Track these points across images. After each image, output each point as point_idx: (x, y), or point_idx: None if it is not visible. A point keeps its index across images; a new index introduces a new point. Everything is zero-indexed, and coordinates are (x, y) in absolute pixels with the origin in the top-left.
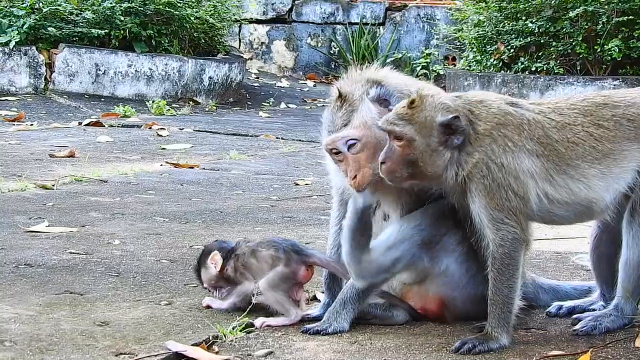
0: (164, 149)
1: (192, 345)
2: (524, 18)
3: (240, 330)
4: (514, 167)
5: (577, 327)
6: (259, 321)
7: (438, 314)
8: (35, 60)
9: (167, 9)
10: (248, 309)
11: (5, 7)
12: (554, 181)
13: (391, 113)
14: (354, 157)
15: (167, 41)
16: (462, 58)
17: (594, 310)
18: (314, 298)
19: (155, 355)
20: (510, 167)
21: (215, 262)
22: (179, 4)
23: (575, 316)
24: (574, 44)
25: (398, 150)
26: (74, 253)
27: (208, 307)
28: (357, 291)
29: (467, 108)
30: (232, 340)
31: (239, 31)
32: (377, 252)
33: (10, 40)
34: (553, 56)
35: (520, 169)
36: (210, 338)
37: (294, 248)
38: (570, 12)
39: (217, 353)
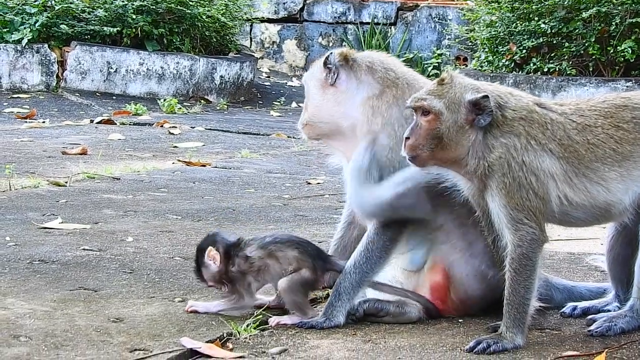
0: (175, 147)
1: (207, 342)
2: (536, 19)
3: (255, 328)
4: (535, 166)
5: (591, 327)
6: (273, 320)
7: (443, 285)
8: (48, 58)
9: (178, 7)
10: (264, 307)
11: (18, 4)
12: (573, 184)
13: (420, 91)
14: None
15: (178, 40)
16: (473, 58)
17: (608, 311)
18: (327, 297)
19: (170, 352)
20: (531, 166)
21: (213, 258)
22: (190, 3)
23: (589, 317)
24: (586, 44)
25: (424, 125)
26: (87, 250)
27: (194, 312)
28: (351, 282)
29: (496, 93)
30: (246, 338)
31: (250, 30)
32: (382, 187)
33: (22, 38)
34: (565, 57)
35: (541, 169)
36: (225, 335)
37: (319, 254)
38: (583, 12)
39: (231, 350)
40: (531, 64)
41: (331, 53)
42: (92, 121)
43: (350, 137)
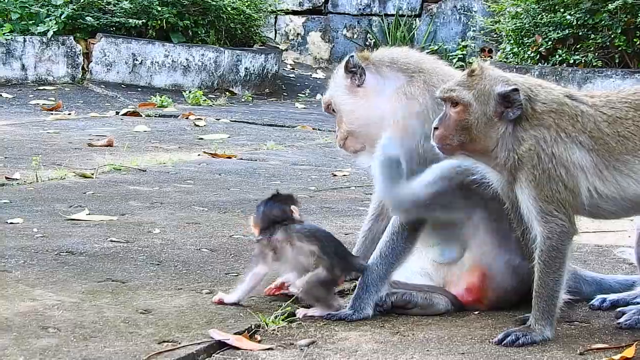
0: (201, 139)
1: (235, 334)
2: (562, 10)
3: (283, 320)
4: (565, 158)
5: (620, 320)
6: (301, 312)
7: (480, 288)
8: (73, 50)
9: None
10: (292, 299)
11: None
12: (603, 176)
13: (450, 82)
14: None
15: (203, 32)
16: (499, 50)
17: (637, 303)
18: (354, 289)
19: (198, 343)
20: (561, 158)
21: (254, 226)
22: None
23: (618, 309)
24: (612, 36)
25: (453, 116)
26: (114, 241)
27: (220, 302)
28: (378, 273)
29: (527, 86)
30: (274, 330)
31: (275, 22)
32: (415, 185)
33: (48, 30)
34: (591, 49)
35: (571, 161)
36: (253, 327)
37: (340, 254)
38: (610, 4)
39: (259, 342)
40: (557, 56)
41: (351, 56)
42: (117, 113)
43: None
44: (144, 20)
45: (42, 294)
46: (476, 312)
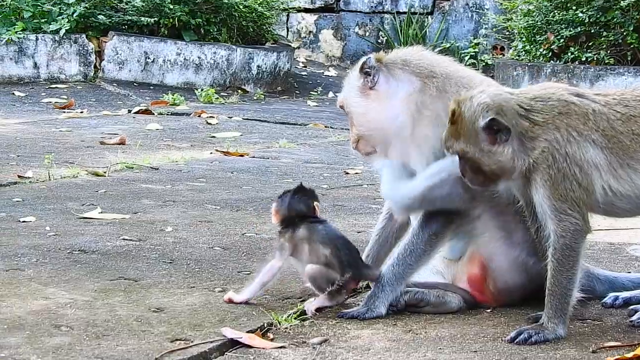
0: (213, 137)
1: (247, 332)
2: (574, 8)
3: (295, 318)
4: (579, 157)
5: (633, 318)
6: (308, 308)
7: (481, 277)
8: (85, 48)
9: None
10: (304, 298)
11: None
12: (617, 174)
13: (444, 132)
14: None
15: (215, 30)
16: (511, 48)
17: None
18: (367, 287)
19: (211, 342)
20: (575, 157)
21: (274, 213)
22: None
23: (631, 307)
24: (624, 34)
25: (463, 164)
26: (127, 240)
27: (230, 301)
28: (395, 274)
29: (513, 102)
30: (286, 328)
31: (287, 20)
32: (415, 180)
33: (60, 28)
34: (603, 46)
35: (585, 160)
36: (265, 325)
37: (353, 263)
38: (622, 1)
39: (272, 340)
40: (569, 53)
41: (368, 58)
42: (129, 111)
43: (399, 138)
44: (156, 19)
45: (54, 293)
46: (489, 310)
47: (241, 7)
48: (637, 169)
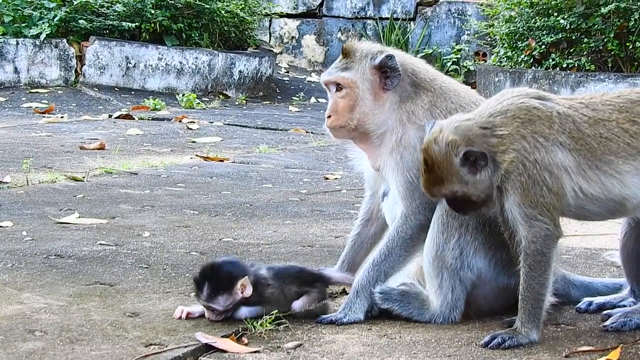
0: (194, 142)
1: (222, 337)
2: (555, 14)
3: (270, 323)
4: (547, 162)
5: (607, 323)
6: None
7: None
8: (66, 53)
9: (197, 2)
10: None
11: None
12: (587, 175)
13: (421, 182)
14: (336, 99)
15: (197, 35)
16: (492, 54)
17: (624, 306)
18: (343, 292)
19: (185, 347)
20: (544, 162)
21: (244, 288)
22: None
23: (605, 312)
24: (605, 40)
25: (453, 202)
26: (104, 244)
27: (187, 317)
28: (369, 279)
29: (475, 126)
30: (261, 332)
31: (269, 25)
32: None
33: (41, 33)
34: (584, 53)
35: (554, 163)
36: (240, 330)
37: (318, 278)
38: (602, 8)
39: (246, 345)
40: (550, 60)
41: (391, 59)
42: (110, 116)
43: (381, 141)
44: (137, 23)
45: (29, 297)
46: (463, 315)
47: (223, 12)
48: (606, 171)
